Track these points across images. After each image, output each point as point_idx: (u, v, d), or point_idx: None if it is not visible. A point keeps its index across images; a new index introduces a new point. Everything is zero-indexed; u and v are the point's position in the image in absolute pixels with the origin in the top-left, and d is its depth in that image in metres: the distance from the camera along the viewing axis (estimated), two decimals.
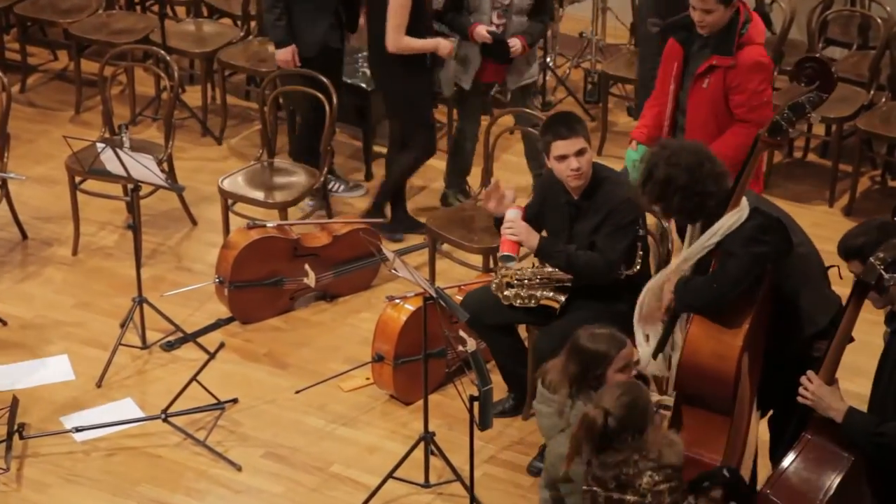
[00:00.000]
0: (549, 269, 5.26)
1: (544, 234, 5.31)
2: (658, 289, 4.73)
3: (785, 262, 4.58)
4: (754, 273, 4.50)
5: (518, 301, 5.26)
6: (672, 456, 4.03)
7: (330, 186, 6.97)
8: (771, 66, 5.54)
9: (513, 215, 5.24)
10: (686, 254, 4.64)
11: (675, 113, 5.62)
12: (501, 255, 5.18)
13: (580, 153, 5.10)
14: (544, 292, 5.26)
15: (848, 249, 4.30)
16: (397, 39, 6.30)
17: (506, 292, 5.26)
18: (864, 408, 4.34)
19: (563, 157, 5.11)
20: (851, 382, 4.78)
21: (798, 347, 4.68)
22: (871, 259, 4.07)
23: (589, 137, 5.17)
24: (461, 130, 6.91)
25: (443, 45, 6.44)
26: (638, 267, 5.21)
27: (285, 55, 6.63)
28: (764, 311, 4.58)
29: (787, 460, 4.26)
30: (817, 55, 4.67)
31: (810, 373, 4.31)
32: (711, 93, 5.50)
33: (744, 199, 4.57)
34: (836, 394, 4.27)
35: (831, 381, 4.30)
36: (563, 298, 5.24)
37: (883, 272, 4.06)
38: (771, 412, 4.92)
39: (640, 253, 5.21)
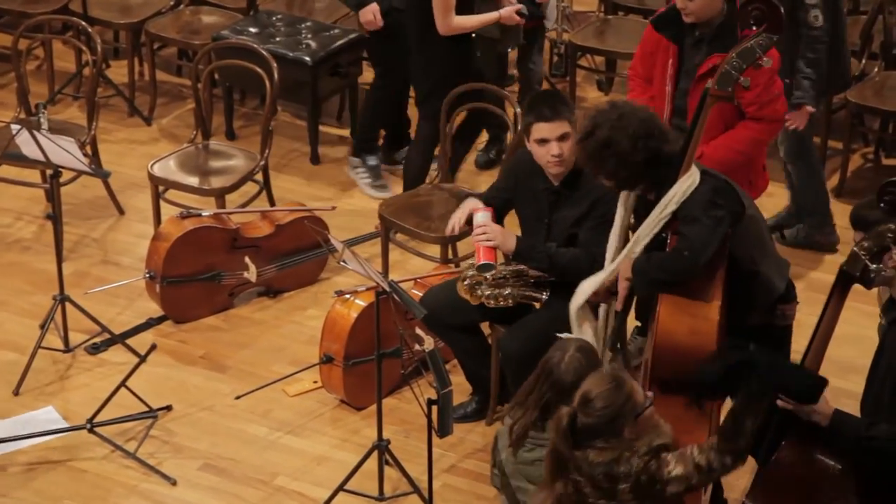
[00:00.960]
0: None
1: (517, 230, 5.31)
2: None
3: (739, 227, 4.66)
4: (720, 236, 4.57)
5: (492, 301, 5.24)
6: (661, 437, 4.07)
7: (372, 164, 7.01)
8: (778, 56, 5.40)
9: (482, 219, 5.23)
10: (640, 230, 4.69)
11: (672, 117, 5.50)
12: (479, 265, 5.16)
13: (563, 138, 5.10)
14: (521, 290, 5.24)
15: (858, 218, 4.33)
16: (447, 22, 6.37)
17: (478, 292, 5.24)
18: (856, 406, 4.36)
19: (544, 141, 5.11)
20: (844, 380, 4.82)
21: (760, 317, 4.75)
22: (855, 249, 4.08)
23: (574, 121, 5.16)
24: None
25: (505, 14, 6.51)
26: None
27: (367, 15, 6.71)
28: (725, 280, 4.64)
29: (769, 470, 4.26)
30: None
31: None
32: None
33: (693, 164, 4.64)
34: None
35: None
36: (544, 296, 5.23)
37: (868, 262, 4.06)
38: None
39: None
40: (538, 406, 4.44)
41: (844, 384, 4.91)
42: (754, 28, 4.63)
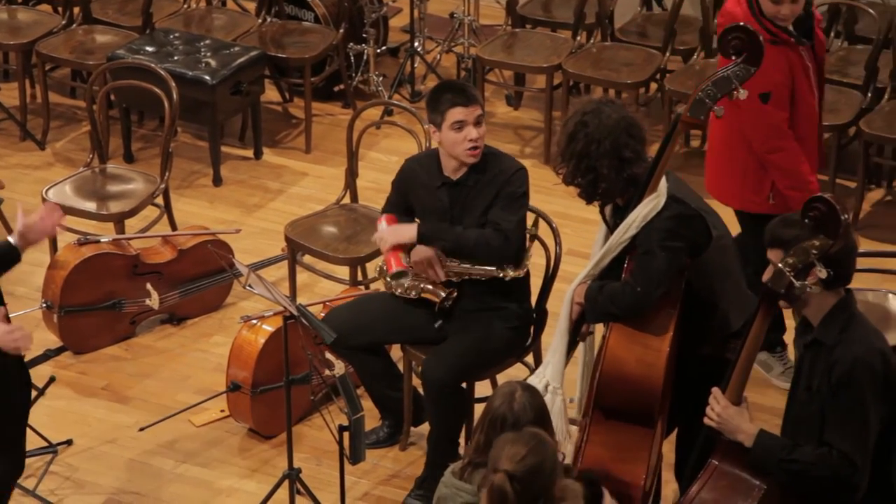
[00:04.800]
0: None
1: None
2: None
3: (703, 257, 4.67)
4: (675, 269, 4.58)
5: (399, 290, 5.30)
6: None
7: None
8: None
9: (380, 228, 5.29)
10: (602, 252, 4.69)
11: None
12: (392, 274, 5.21)
13: (478, 122, 5.14)
14: (427, 285, 5.29)
15: (774, 238, 4.27)
16: None
17: (387, 278, 5.30)
18: (778, 422, 4.44)
19: (460, 125, 5.11)
20: (762, 395, 4.90)
21: (709, 351, 4.76)
22: (780, 265, 4.12)
23: (484, 108, 5.19)
24: None
25: None
26: (525, 269, 5.24)
27: None
28: (680, 310, 4.67)
29: (694, 489, 4.32)
30: (742, 24, 4.75)
31: (717, 391, 4.35)
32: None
33: (662, 183, 4.62)
34: (745, 415, 4.32)
35: (739, 400, 4.34)
36: (443, 294, 5.27)
37: (793, 279, 4.10)
38: (676, 428, 5.01)
39: (530, 254, 5.27)
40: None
41: (763, 399, 5.00)
42: (733, 57, 4.68)
